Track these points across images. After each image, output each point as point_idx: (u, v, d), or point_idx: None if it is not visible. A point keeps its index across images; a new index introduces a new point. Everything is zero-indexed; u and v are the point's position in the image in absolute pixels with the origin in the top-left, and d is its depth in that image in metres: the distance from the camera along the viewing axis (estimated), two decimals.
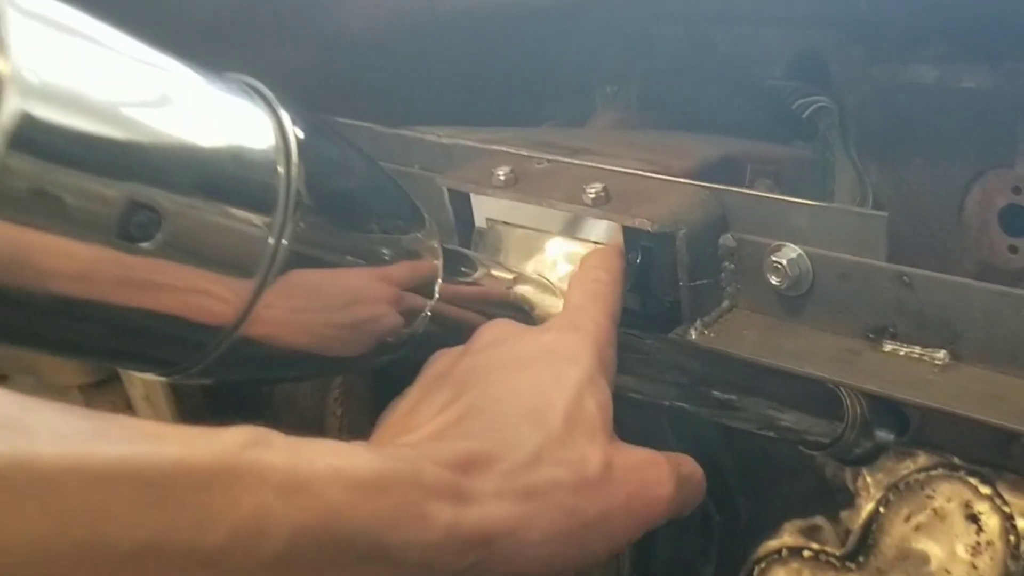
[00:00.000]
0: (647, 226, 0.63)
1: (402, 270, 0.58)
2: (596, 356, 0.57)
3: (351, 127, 0.79)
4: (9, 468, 0.34)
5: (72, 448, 0.35)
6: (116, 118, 0.44)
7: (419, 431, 0.53)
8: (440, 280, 0.60)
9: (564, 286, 0.65)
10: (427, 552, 0.45)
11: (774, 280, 0.64)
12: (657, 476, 0.55)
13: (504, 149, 0.72)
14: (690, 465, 0.58)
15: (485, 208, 0.71)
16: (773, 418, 0.87)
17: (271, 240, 0.48)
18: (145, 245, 0.44)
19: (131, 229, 0.44)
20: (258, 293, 0.48)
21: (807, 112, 0.90)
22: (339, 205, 0.53)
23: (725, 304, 0.67)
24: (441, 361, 0.59)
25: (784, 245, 0.64)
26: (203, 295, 0.47)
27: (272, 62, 0.81)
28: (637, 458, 0.55)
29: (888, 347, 0.63)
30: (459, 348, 0.59)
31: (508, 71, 0.97)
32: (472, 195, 0.70)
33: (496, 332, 0.59)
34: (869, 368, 0.62)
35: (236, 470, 0.39)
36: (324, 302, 0.53)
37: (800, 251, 0.63)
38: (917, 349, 0.62)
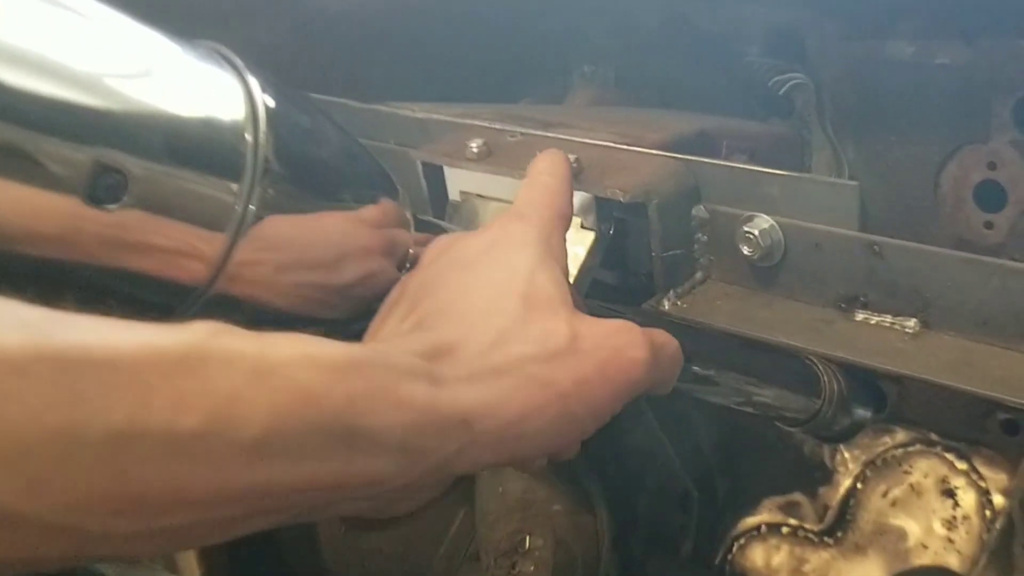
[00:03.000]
0: (619, 196, 0.63)
1: (375, 237, 0.57)
2: (542, 241, 0.56)
3: (325, 103, 0.78)
4: None
5: (39, 336, 0.35)
6: (83, 81, 0.44)
7: (381, 337, 0.53)
8: (412, 250, 0.60)
9: None
10: (407, 435, 0.44)
11: (746, 250, 0.64)
12: (628, 340, 0.53)
13: (477, 123, 0.72)
14: (663, 335, 0.57)
15: (459, 181, 0.71)
16: (751, 394, 0.87)
17: (238, 206, 0.48)
18: (112, 207, 0.44)
19: (98, 192, 0.43)
20: (227, 254, 0.48)
21: (783, 89, 0.90)
22: (309, 172, 0.53)
23: (698, 275, 0.68)
24: (394, 289, 0.58)
25: (756, 216, 0.64)
26: (172, 257, 0.47)
27: (247, 38, 0.80)
28: (605, 326, 0.54)
29: (859, 316, 0.63)
30: (408, 273, 0.59)
31: (486, 49, 0.97)
32: (445, 168, 0.70)
33: (440, 244, 0.59)
34: (840, 337, 0.62)
35: (206, 355, 0.38)
36: (293, 265, 0.53)
37: (772, 221, 0.64)
38: (888, 318, 0.62)
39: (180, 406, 0.37)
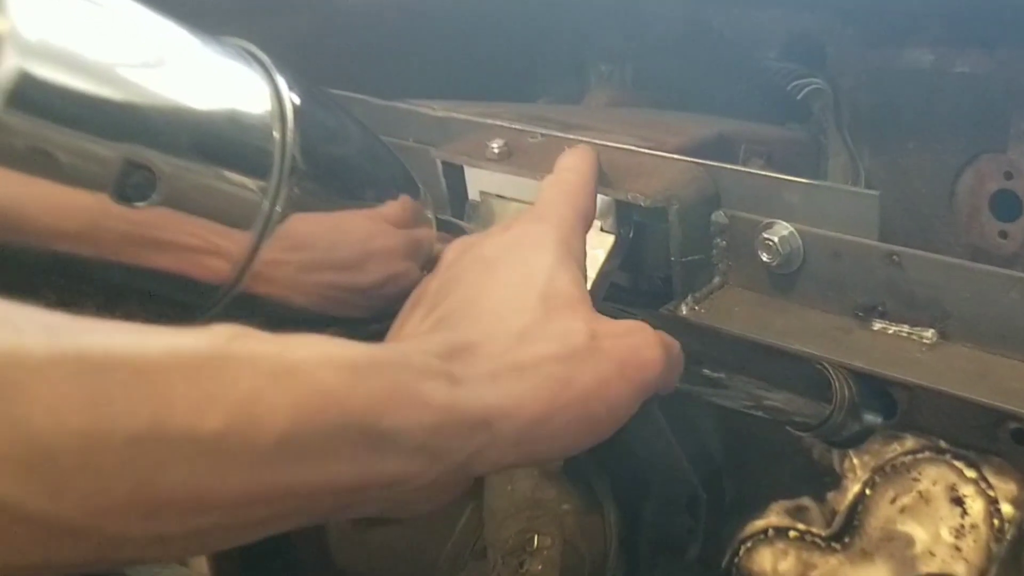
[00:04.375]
0: (640, 200, 0.63)
1: (397, 237, 0.58)
2: (561, 242, 0.56)
3: (346, 99, 0.78)
4: (1, 362, 0.33)
5: (62, 340, 0.35)
6: (113, 78, 0.44)
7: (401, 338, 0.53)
8: (435, 250, 0.60)
9: None
10: (428, 436, 0.44)
11: (765, 257, 0.64)
12: (644, 340, 0.54)
13: (498, 123, 0.72)
14: (668, 336, 0.57)
15: (478, 181, 0.71)
16: (761, 397, 0.87)
17: (265, 204, 0.49)
18: (140, 205, 0.44)
19: (127, 189, 0.44)
20: (253, 253, 0.49)
21: (801, 94, 0.90)
22: (334, 171, 0.53)
23: (716, 280, 0.68)
24: (414, 292, 0.58)
25: (776, 222, 0.64)
26: (198, 255, 0.48)
27: (269, 32, 0.80)
28: (621, 326, 0.54)
29: (877, 325, 0.63)
30: (428, 275, 0.59)
31: (504, 48, 0.97)
32: (466, 168, 0.70)
33: (460, 245, 0.59)
34: (857, 346, 0.62)
35: (226, 357, 0.38)
36: (317, 264, 0.53)
37: (792, 229, 0.64)
38: (906, 328, 0.62)
39: (202, 408, 0.37)
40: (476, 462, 0.47)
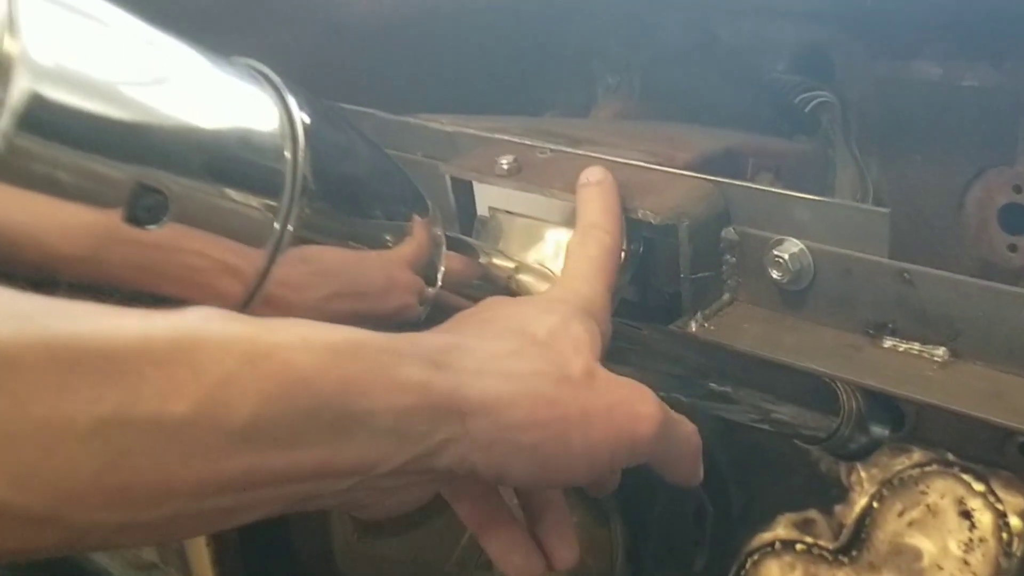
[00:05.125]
0: (650, 218, 0.63)
1: (406, 256, 0.57)
2: (588, 313, 0.56)
3: (354, 113, 0.78)
4: None
5: (29, 326, 0.35)
6: (125, 100, 0.44)
7: None
8: (443, 268, 0.60)
9: None
10: (397, 418, 0.43)
11: (775, 274, 0.64)
12: (641, 396, 0.53)
13: (507, 138, 0.72)
14: (683, 418, 0.57)
15: (487, 196, 0.71)
16: (768, 411, 0.87)
17: (277, 225, 0.48)
18: (152, 228, 0.44)
19: (139, 212, 0.43)
20: (263, 276, 0.48)
21: (809, 106, 0.90)
22: (344, 191, 0.53)
23: (725, 297, 0.68)
24: None
25: (786, 239, 0.64)
26: (209, 277, 0.47)
27: (274, 47, 0.80)
28: (622, 379, 0.53)
29: (888, 343, 0.63)
30: None
31: (511, 59, 0.97)
32: (475, 183, 0.70)
33: (488, 301, 0.59)
34: (869, 364, 0.62)
35: (198, 340, 0.38)
36: (328, 285, 0.53)
37: (802, 245, 0.63)
38: (917, 346, 0.62)
39: (170, 393, 0.37)
40: (442, 453, 0.46)
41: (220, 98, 0.48)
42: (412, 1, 0.88)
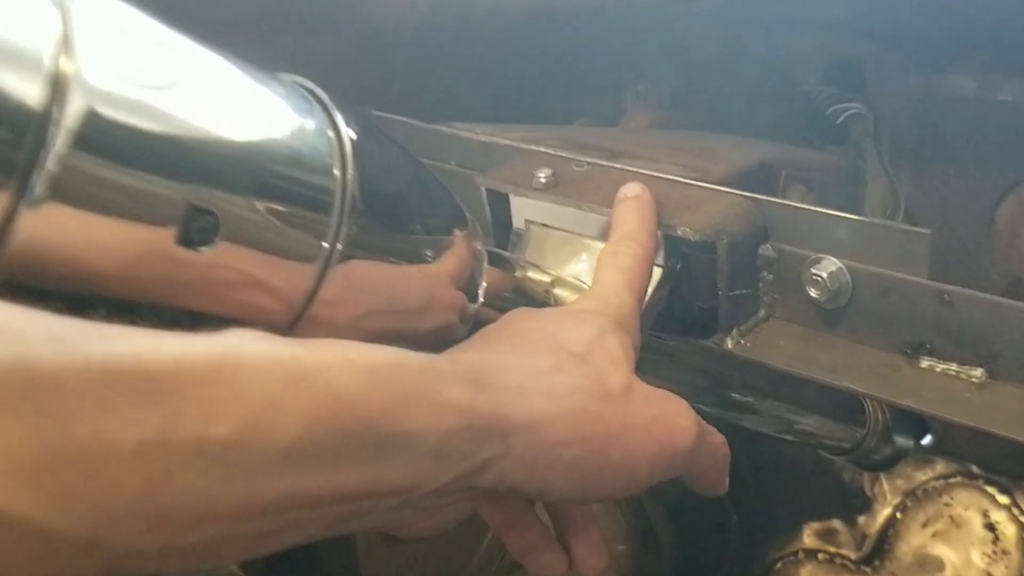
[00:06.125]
0: (689, 235, 0.63)
1: (448, 272, 0.57)
2: (620, 323, 0.56)
3: (386, 121, 0.78)
4: (7, 373, 0.33)
5: (69, 348, 0.34)
6: (178, 120, 0.44)
7: None
8: (484, 283, 0.60)
9: None
10: (442, 439, 0.43)
11: (813, 293, 0.64)
12: (677, 409, 0.54)
13: (543, 150, 0.72)
14: (710, 427, 0.57)
15: (523, 209, 0.71)
16: (791, 422, 0.87)
17: (326, 244, 0.49)
18: (204, 250, 0.44)
19: (191, 234, 0.43)
20: (311, 296, 0.48)
21: (841, 118, 0.90)
22: (389, 207, 0.53)
23: (761, 313, 0.67)
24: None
25: (824, 258, 0.64)
26: (256, 298, 0.47)
27: (308, 55, 0.80)
28: (659, 391, 0.54)
29: (925, 363, 0.63)
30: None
31: (540, 67, 0.97)
32: (511, 196, 0.70)
33: (515, 312, 0.59)
34: (906, 384, 0.62)
35: (239, 362, 0.37)
36: (369, 302, 0.53)
37: (840, 264, 0.63)
38: (954, 366, 0.62)
39: (212, 415, 0.36)
40: (485, 473, 0.46)
41: (271, 117, 0.48)
42: (445, 11, 0.87)
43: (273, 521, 0.40)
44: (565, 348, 0.52)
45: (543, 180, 0.68)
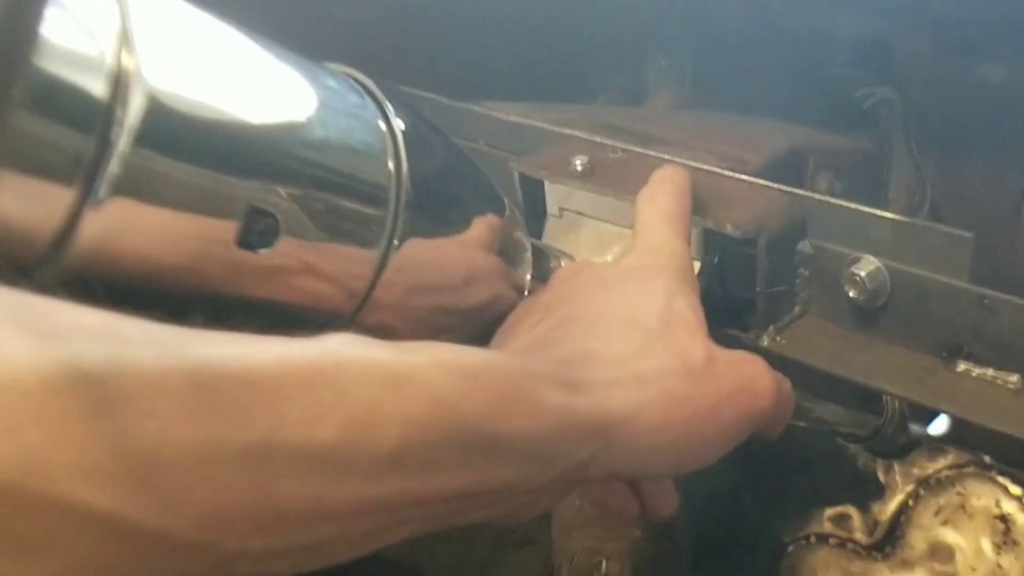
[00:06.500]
0: (730, 231, 0.62)
1: (490, 245, 0.57)
2: (678, 272, 0.56)
3: (413, 98, 0.77)
4: (112, 375, 0.32)
5: (171, 352, 0.34)
6: (236, 116, 0.43)
7: (512, 346, 0.52)
8: (530, 274, 0.59)
9: None
10: (543, 442, 0.44)
11: (851, 292, 0.63)
12: (756, 371, 0.55)
13: (576, 134, 0.71)
14: (778, 374, 0.57)
15: (556, 196, 0.70)
16: (807, 409, 0.87)
17: (384, 238, 0.48)
18: (263, 251, 0.43)
19: (251, 237, 0.42)
20: (371, 289, 0.48)
21: (869, 102, 0.89)
22: (439, 197, 0.52)
23: (796, 310, 0.67)
24: (520, 307, 0.58)
25: (863, 257, 0.63)
26: (317, 296, 0.47)
27: (328, 26, 0.79)
28: (736, 354, 0.55)
29: (961, 367, 0.62)
30: (536, 292, 0.59)
31: (562, 41, 0.95)
32: (546, 182, 0.69)
33: (570, 269, 0.59)
34: (942, 388, 0.62)
35: (341, 364, 0.38)
36: (419, 282, 0.52)
37: (879, 264, 0.62)
38: (990, 371, 0.62)
39: (316, 417, 0.36)
40: (586, 469, 0.47)
41: (328, 112, 0.47)
42: None
43: (379, 521, 0.40)
44: (642, 325, 0.52)
45: (579, 168, 0.66)
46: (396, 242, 0.48)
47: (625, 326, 0.52)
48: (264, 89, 0.44)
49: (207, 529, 0.34)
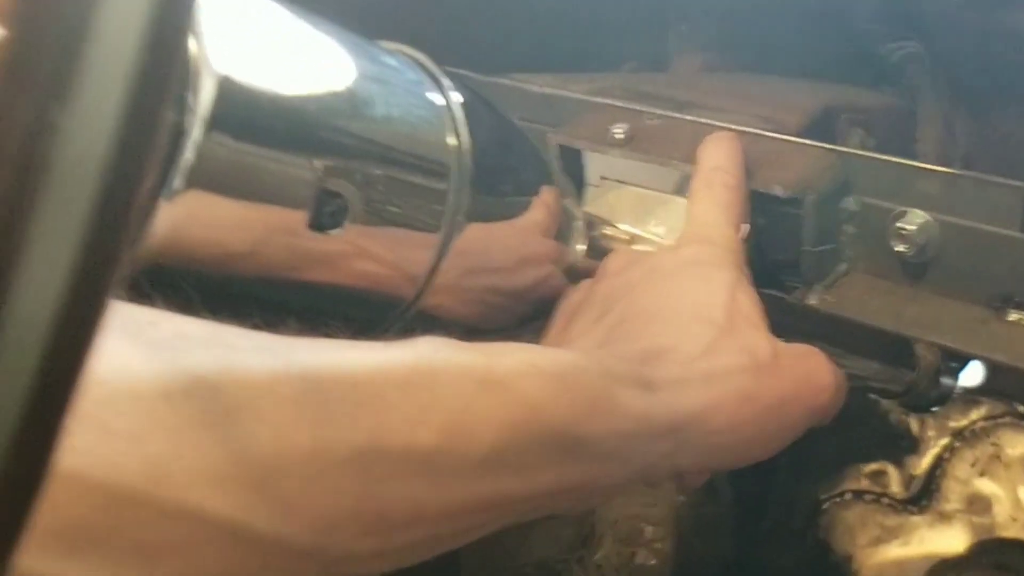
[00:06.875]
0: (778, 191, 0.62)
1: (542, 225, 0.57)
2: (735, 264, 0.57)
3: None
4: (221, 381, 0.33)
5: (277, 359, 0.35)
6: (305, 101, 0.43)
7: (575, 344, 0.52)
8: (582, 245, 0.59)
9: None
10: (621, 442, 0.45)
11: (900, 247, 0.63)
12: (817, 365, 0.56)
13: (611, 102, 0.70)
14: (835, 366, 0.59)
15: (595, 166, 0.69)
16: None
17: (447, 215, 0.48)
18: (335, 232, 0.43)
19: (322, 218, 0.42)
20: (436, 267, 0.48)
21: (895, 56, 0.88)
22: (498, 173, 0.53)
23: (842, 267, 0.67)
24: (574, 295, 0.58)
25: (910, 211, 0.63)
26: (385, 273, 0.47)
27: (344, 4, 0.78)
28: (798, 348, 0.56)
29: (1013, 316, 0.62)
30: (587, 280, 0.59)
31: (578, 11, 0.94)
32: (585, 152, 0.69)
33: (623, 257, 0.59)
34: (995, 338, 0.62)
35: (436, 369, 0.38)
36: (473, 264, 0.53)
37: (928, 217, 0.62)
38: None
39: (417, 421, 0.37)
40: (657, 467, 0.48)
41: (389, 91, 0.47)
42: None
43: (473, 520, 0.41)
44: (708, 320, 0.52)
45: (619, 136, 0.66)
46: (460, 218, 0.48)
47: (692, 322, 0.52)
48: (327, 68, 0.44)
49: (318, 534, 0.35)
